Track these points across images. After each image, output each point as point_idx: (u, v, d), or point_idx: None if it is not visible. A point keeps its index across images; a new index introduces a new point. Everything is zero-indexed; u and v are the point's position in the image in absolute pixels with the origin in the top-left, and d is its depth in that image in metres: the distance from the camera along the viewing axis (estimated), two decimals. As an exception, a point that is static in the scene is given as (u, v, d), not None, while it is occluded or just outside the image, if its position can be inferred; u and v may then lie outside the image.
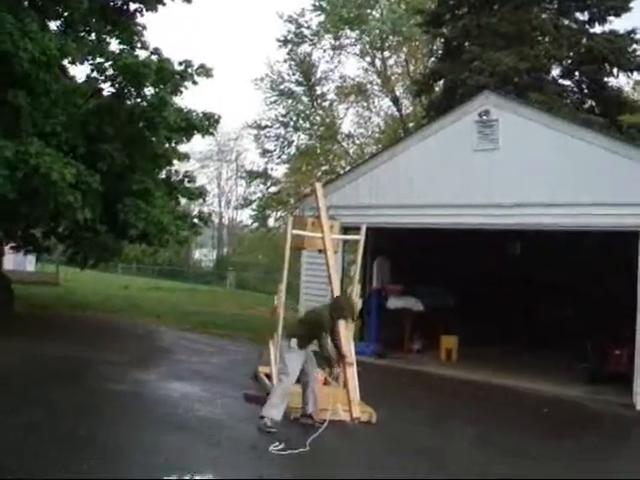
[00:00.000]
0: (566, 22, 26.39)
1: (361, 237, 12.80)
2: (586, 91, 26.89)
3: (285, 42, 41.45)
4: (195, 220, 21.48)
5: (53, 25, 18.92)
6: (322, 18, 40.19)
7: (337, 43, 41.23)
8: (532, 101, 20.84)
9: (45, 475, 7.21)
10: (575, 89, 27.16)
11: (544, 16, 25.66)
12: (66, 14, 18.56)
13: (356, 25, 39.18)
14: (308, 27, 41.17)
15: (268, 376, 12.36)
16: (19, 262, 34.74)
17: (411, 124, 37.97)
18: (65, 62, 18.29)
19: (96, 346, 16.50)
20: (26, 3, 17.49)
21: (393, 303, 18.32)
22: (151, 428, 9.70)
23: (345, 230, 16.19)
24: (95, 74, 18.74)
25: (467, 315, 18.41)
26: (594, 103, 26.60)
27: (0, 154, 14.82)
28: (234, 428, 9.94)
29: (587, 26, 26.67)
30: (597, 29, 26.54)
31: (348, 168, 22.20)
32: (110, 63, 18.09)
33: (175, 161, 21.50)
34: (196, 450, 8.59)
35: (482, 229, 16.21)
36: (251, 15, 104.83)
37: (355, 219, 15.52)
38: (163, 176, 20.78)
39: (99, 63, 18.50)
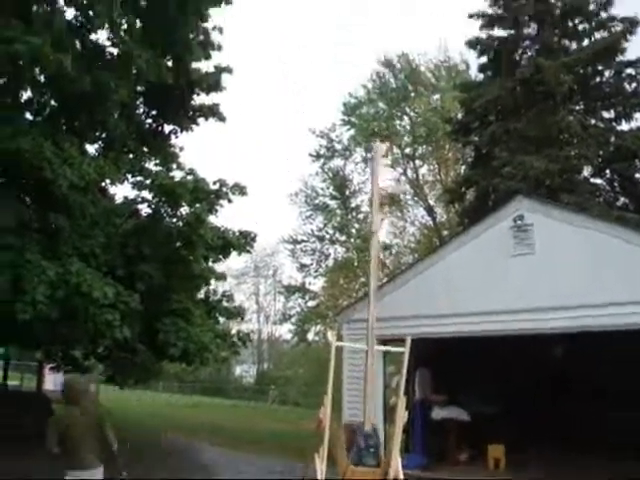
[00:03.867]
0: (593, 121, 26.57)
1: (406, 350, 12.64)
2: (618, 189, 26.85)
3: (318, 156, 42.21)
4: (234, 339, 21.45)
5: (91, 148, 19.50)
6: (352, 132, 40.95)
7: (369, 155, 41.77)
8: (565, 203, 20.85)
9: None
10: (607, 187, 27.14)
11: (571, 117, 25.84)
12: (104, 136, 19.08)
13: (386, 137, 39.83)
14: (339, 141, 41.97)
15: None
16: (59, 382, 34.70)
17: (445, 232, 38.08)
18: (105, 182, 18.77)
19: (134, 466, 16.29)
20: (64, 127, 17.99)
21: (438, 413, 18.04)
22: None
23: (385, 342, 16.11)
24: (134, 193, 19.23)
25: (513, 421, 18.04)
26: (627, 200, 26.55)
27: (43, 275, 15.10)
28: None
29: (614, 124, 26.83)
30: (624, 126, 26.71)
31: (385, 280, 22.21)
32: (148, 182, 18.50)
33: (213, 281, 21.64)
34: None
35: (522, 334, 16.02)
36: (283, 131, 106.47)
37: (395, 330, 15.41)
38: (201, 295, 20.87)
39: (138, 181, 18.95)
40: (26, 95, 18.49)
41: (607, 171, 26.71)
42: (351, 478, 11.33)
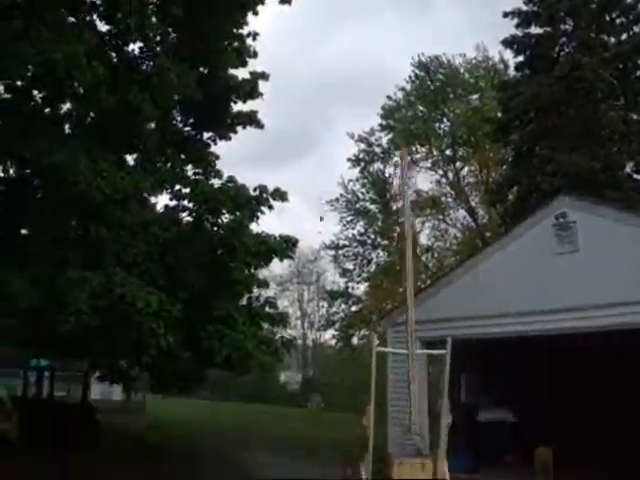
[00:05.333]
0: (635, 117, 26.25)
1: (447, 352, 12.56)
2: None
3: (357, 161, 42.08)
4: (278, 345, 21.39)
5: (130, 158, 19.60)
6: (391, 135, 40.83)
7: (408, 158, 41.63)
8: (608, 199, 20.59)
9: None
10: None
11: (612, 113, 25.54)
12: (141, 147, 19.15)
13: (425, 140, 39.71)
14: (379, 145, 41.84)
15: (360, 499, 12.03)
16: (105, 391, 35.05)
17: (488, 233, 37.77)
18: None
19: (180, 476, 16.42)
20: (101, 140, 18.12)
21: (484, 416, 17.90)
22: None
23: (429, 344, 16.01)
24: (174, 202, 19.29)
25: (561, 425, 17.82)
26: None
27: (85, 285, 15.22)
28: None
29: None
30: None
31: (428, 282, 22.11)
32: (188, 190, 18.58)
33: (255, 288, 21.62)
34: None
35: (569, 333, 15.81)
36: (321, 136, 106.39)
37: (438, 332, 15.30)
38: (244, 302, 20.85)
39: (177, 190, 19.05)
40: (65, 107, 18.66)
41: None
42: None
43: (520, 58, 28.85)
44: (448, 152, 40.85)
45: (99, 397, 32.48)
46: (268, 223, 19.55)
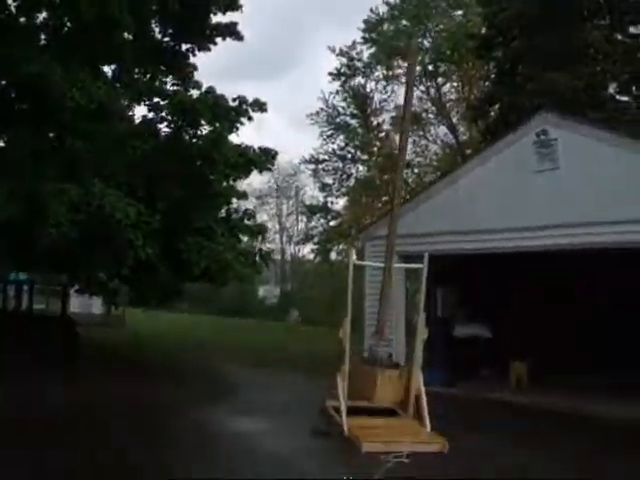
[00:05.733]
0: (619, 37, 25.98)
1: (424, 266, 12.63)
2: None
3: (338, 75, 41.64)
4: (256, 258, 21.44)
5: (108, 70, 19.27)
6: (373, 50, 40.38)
7: (390, 73, 41.23)
8: (590, 119, 20.48)
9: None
10: (633, 104, 26.61)
11: (596, 33, 25.26)
12: (119, 58, 18.81)
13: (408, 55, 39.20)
14: (360, 60, 41.36)
15: (337, 410, 12.20)
16: (84, 304, 35.08)
17: (468, 150, 37.65)
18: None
19: (163, 385, 16.56)
20: (78, 50, 17.78)
21: (460, 331, 18.08)
22: (218, 464, 9.62)
23: (407, 259, 16.11)
24: (151, 114, 19.02)
25: (535, 339, 18.05)
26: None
27: (64, 197, 15.12)
28: (302, 464, 9.77)
29: (642, 40, 26.21)
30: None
31: (408, 197, 22.12)
32: (166, 102, 18.33)
33: (234, 200, 21.56)
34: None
35: (546, 251, 15.90)
36: (303, 50, 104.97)
37: (417, 247, 15.39)
38: (223, 214, 20.80)
39: (155, 102, 18.77)
40: (41, 17, 18.25)
41: (633, 88, 26.19)
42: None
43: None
44: (430, 68, 40.42)
45: (78, 310, 32.48)
46: (248, 137, 19.44)
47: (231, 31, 20.77)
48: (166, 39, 20.95)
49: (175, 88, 20.07)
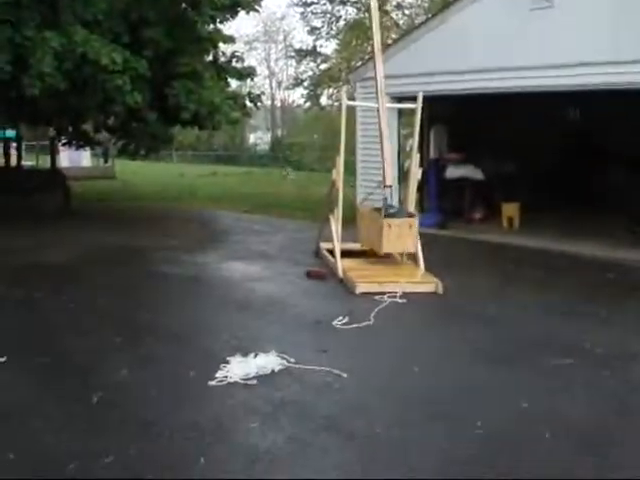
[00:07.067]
0: None
1: (418, 105, 12.45)
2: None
3: None
4: (246, 101, 21.13)
5: None
6: None
7: None
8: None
9: (109, 360, 7.29)
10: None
11: None
12: None
13: None
14: None
15: (330, 252, 12.29)
16: (74, 159, 34.96)
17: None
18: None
19: (154, 233, 16.66)
20: None
21: (452, 172, 18.01)
22: (212, 309, 9.78)
23: (399, 100, 15.91)
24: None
25: (528, 182, 18.05)
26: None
27: (47, 46, 14.76)
28: (297, 305, 9.91)
29: None
30: None
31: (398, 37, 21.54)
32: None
33: (221, 44, 21.07)
34: (259, 328, 8.58)
35: (540, 91, 15.63)
36: None
37: (408, 88, 15.19)
38: (210, 58, 20.38)
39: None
40: None
41: None
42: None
43: None
44: None
45: (68, 165, 32.36)
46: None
47: None
48: None
49: None
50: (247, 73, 21.27)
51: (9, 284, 10.98)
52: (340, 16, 42.27)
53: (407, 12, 42.77)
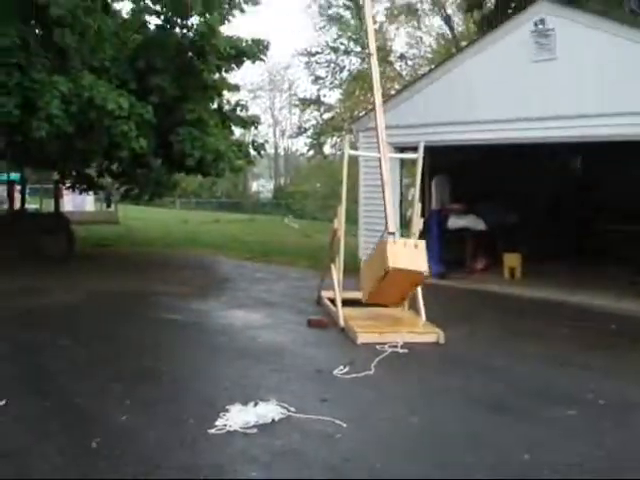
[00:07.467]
0: None
1: (419, 155, 12.51)
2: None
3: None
4: (250, 149, 21.30)
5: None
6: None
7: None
8: (590, 9, 20.06)
9: (109, 405, 7.27)
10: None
11: None
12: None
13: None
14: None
15: (332, 300, 12.28)
16: (78, 203, 35.15)
17: (464, 43, 37.14)
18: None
19: (157, 280, 16.63)
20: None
21: (454, 222, 18.04)
22: (213, 357, 9.70)
23: (401, 150, 16.00)
24: (140, 4, 18.60)
25: (529, 232, 18.10)
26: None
27: (55, 89, 14.96)
28: (298, 353, 9.87)
29: None
30: None
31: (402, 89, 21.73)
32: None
33: (225, 92, 21.31)
34: (259, 377, 8.53)
35: (541, 142, 15.76)
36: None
37: (411, 138, 15.24)
38: (215, 106, 20.59)
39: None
40: None
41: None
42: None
43: None
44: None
45: (72, 209, 32.51)
46: (241, 30, 19.13)
47: None
48: None
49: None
50: (251, 121, 21.50)
51: (9, 327, 11.00)
52: (344, 66, 42.83)
53: (410, 63, 43.24)
